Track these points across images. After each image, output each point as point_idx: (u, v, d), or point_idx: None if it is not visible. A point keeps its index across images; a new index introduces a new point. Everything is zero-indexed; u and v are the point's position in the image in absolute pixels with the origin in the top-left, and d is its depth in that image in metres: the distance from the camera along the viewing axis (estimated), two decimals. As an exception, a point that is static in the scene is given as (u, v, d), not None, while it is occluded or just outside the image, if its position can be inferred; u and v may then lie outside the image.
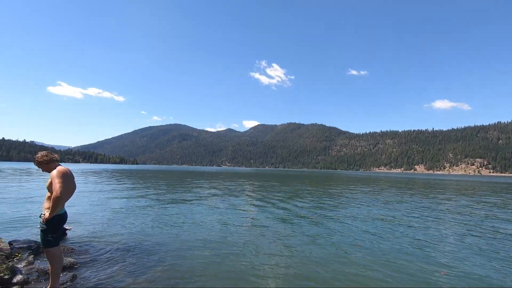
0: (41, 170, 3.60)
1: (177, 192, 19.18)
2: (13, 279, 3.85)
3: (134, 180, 30.81)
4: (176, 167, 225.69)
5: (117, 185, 23.86)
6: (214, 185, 26.07)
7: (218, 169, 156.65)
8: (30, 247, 5.07)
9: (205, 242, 6.78)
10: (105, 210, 10.85)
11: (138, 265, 5.14)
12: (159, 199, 14.81)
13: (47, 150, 7.85)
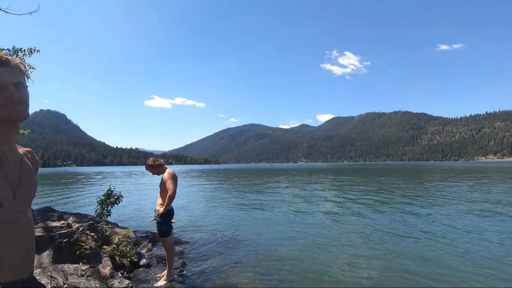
0: (151, 173, 4.20)
1: (260, 189, 19.99)
2: (139, 261, 4.64)
3: (220, 178, 33.50)
4: (254, 165, 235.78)
5: (207, 183, 26.33)
6: (293, 182, 26.19)
7: (294, 166, 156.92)
8: (148, 237, 6.02)
9: (292, 239, 6.86)
10: (200, 205, 12.12)
11: (234, 255, 5.55)
12: (245, 195, 15.72)
13: (151, 155, 9.23)
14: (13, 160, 1.00)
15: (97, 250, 3.97)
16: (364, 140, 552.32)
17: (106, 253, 4.17)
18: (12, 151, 1.01)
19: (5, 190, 0.94)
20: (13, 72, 0.94)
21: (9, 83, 0.92)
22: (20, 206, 1.00)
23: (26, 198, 1.04)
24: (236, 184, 25.15)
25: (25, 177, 1.04)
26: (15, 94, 0.93)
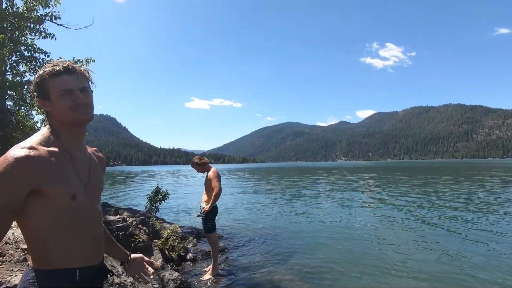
0: (196, 170, 4.35)
1: (299, 187, 19.79)
2: (186, 255, 4.89)
3: (259, 177, 33.83)
4: (291, 164, 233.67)
5: (246, 181, 26.78)
6: (333, 180, 25.46)
7: (333, 164, 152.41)
8: (193, 232, 6.30)
9: (336, 238, 6.67)
10: (241, 202, 12.37)
11: (277, 252, 5.57)
12: (285, 194, 15.69)
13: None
14: (82, 158, 1.11)
15: (148, 243, 4.27)
16: (410, 137, 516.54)
17: (156, 246, 4.46)
18: (81, 150, 1.12)
19: (77, 184, 1.04)
20: (78, 79, 1.03)
21: (76, 88, 1.01)
22: (90, 199, 1.10)
23: (95, 192, 1.15)
24: (275, 182, 25.19)
25: (93, 173, 1.15)
26: (81, 98, 1.02)
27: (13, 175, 0.87)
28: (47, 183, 0.94)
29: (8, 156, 0.89)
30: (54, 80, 1.00)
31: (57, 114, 1.03)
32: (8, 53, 6.94)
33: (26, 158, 0.90)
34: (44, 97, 1.02)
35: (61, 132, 1.04)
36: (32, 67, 7.50)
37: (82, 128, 1.09)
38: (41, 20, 7.40)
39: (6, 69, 7.04)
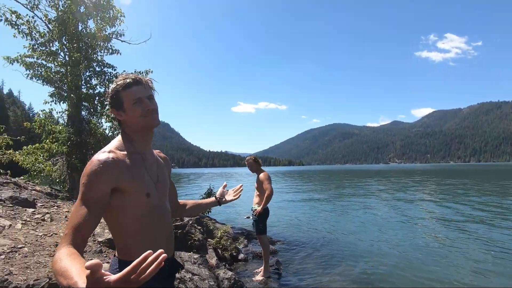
0: (249, 168, 4.40)
1: (351, 191, 18.95)
2: (238, 256, 5.01)
3: (307, 180, 33.25)
4: (339, 166, 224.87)
5: (295, 183, 26.54)
6: (388, 184, 23.80)
7: (386, 167, 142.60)
8: (243, 233, 6.43)
9: (394, 245, 6.22)
10: (292, 205, 12.30)
11: (328, 258, 5.39)
12: (335, 197, 15.17)
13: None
14: (151, 160, 1.23)
15: (203, 242, 4.47)
16: (477, 136, 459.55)
17: (210, 245, 4.65)
18: (150, 153, 1.25)
19: (149, 183, 1.15)
20: (145, 88, 1.15)
21: (144, 96, 1.14)
22: (161, 197, 1.22)
23: (163, 190, 1.26)
24: (324, 185, 24.49)
25: (161, 173, 1.27)
26: (149, 105, 1.14)
27: (98, 175, 1.00)
28: (125, 182, 1.06)
29: (94, 159, 1.03)
30: (126, 91, 1.13)
31: (130, 121, 1.15)
32: (83, 69, 7.95)
33: (107, 160, 1.03)
34: (119, 108, 1.15)
35: (134, 137, 1.17)
36: (102, 81, 8.45)
37: (151, 132, 1.22)
38: (109, 38, 8.32)
39: (82, 83, 8.04)
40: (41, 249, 2.86)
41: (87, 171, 1.01)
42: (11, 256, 2.56)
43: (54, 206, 4.71)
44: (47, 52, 7.57)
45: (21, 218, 3.65)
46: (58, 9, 7.59)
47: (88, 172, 1.00)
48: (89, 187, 0.99)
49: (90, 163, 1.02)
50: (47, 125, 7.65)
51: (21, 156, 7.51)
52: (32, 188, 6.33)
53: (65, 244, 0.89)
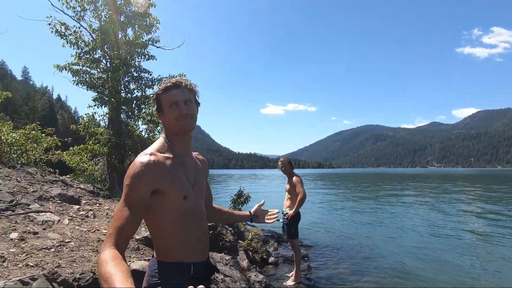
0: (281, 169, 4.33)
1: (385, 196, 18.11)
2: (268, 259, 4.97)
3: (338, 183, 32.37)
4: (372, 170, 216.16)
5: (326, 187, 25.96)
6: (424, 190, 22.39)
7: (423, 171, 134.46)
8: (273, 236, 6.38)
9: (428, 254, 5.82)
10: (323, 209, 12.00)
11: (360, 264, 5.18)
12: (368, 201, 14.59)
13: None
14: (190, 163, 1.24)
15: (234, 243, 4.49)
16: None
17: (241, 247, 4.67)
18: (189, 156, 1.26)
19: (187, 186, 1.16)
20: (183, 92, 1.16)
21: (181, 100, 1.15)
22: (197, 199, 1.23)
23: (200, 192, 1.27)
24: (356, 189, 23.66)
25: (198, 176, 1.27)
26: (184, 109, 1.15)
27: (140, 177, 1.03)
28: (165, 184, 1.08)
29: (136, 161, 1.06)
30: (165, 94, 1.16)
31: (167, 123, 1.18)
32: (122, 74, 8.43)
33: (149, 163, 1.06)
34: (160, 110, 1.19)
35: (173, 140, 1.19)
36: (139, 85, 8.91)
37: (188, 136, 1.22)
38: (145, 45, 8.75)
39: (121, 88, 8.54)
40: (85, 244, 3.05)
41: (130, 173, 1.03)
42: (59, 249, 2.75)
43: (96, 203, 5.02)
44: (91, 60, 8.14)
45: (68, 214, 3.93)
46: (101, 19, 8.14)
47: (131, 174, 1.03)
48: (132, 189, 1.02)
49: (133, 165, 1.05)
50: (90, 127, 8.22)
51: (68, 156, 8.14)
52: (77, 186, 6.81)
53: (109, 245, 0.93)
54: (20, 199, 3.78)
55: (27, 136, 6.74)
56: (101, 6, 8.17)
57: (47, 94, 75.62)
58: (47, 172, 6.98)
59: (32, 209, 3.64)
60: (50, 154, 7.51)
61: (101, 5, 8.17)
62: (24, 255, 2.44)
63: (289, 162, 4.36)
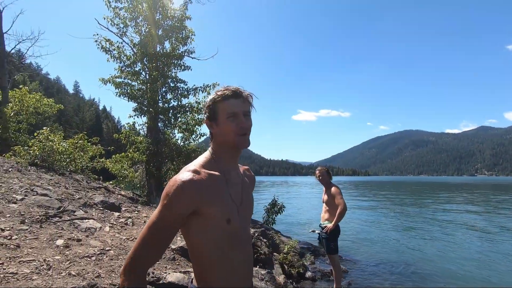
0: (318, 179, 4.05)
1: (430, 207, 16.75)
2: (305, 274, 4.71)
3: (374, 191, 30.76)
4: (413, 178, 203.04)
5: (364, 196, 24.75)
6: (475, 201, 20.34)
7: (472, 180, 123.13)
8: (310, 249, 6.10)
9: (481, 277, 5.13)
10: (361, 221, 11.31)
11: (405, 282, 4.73)
12: (411, 213, 13.57)
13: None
14: (236, 180, 1.11)
15: (269, 256, 4.32)
16: None
17: (277, 260, 4.48)
18: (236, 171, 1.14)
19: (231, 207, 1.04)
20: (243, 103, 1.05)
21: (241, 112, 1.04)
22: (242, 221, 1.09)
23: (246, 213, 1.14)
24: (396, 198, 22.22)
25: (245, 194, 1.14)
26: (244, 122, 1.04)
27: (181, 197, 0.94)
28: (206, 205, 0.97)
29: (177, 179, 0.96)
30: (223, 103, 1.04)
31: (221, 135, 1.06)
32: (160, 85, 8.78)
33: (191, 182, 0.95)
34: (213, 119, 1.06)
35: (221, 154, 1.09)
36: (175, 95, 9.22)
37: (239, 151, 1.11)
38: (181, 56, 9.06)
39: (159, 98, 8.89)
40: (124, 253, 3.09)
41: (169, 191, 0.94)
42: (100, 258, 2.81)
43: (135, 210, 5.17)
44: (132, 72, 8.60)
45: (109, 221, 4.06)
46: (141, 34, 8.60)
47: (169, 192, 0.94)
48: (169, 208, 0.94)
49: (174, 183, 0.95)
50: (131, 136, 8.63)
51: (110, 163, 8.62)
52: (118, 193, 7.13)
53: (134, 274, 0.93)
54: (67, 206, 3.99)
55: (75, 145, 7.23)
56: (141, 21, 8.64)
57: (94, 106, 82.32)
58: (92, 178, 7.42)
59: (77, 215, 3.81)
60: (95, 161, 7.99)
61: (141, 21, 8.64)
62: (68, 263, 2.50)
63: (327, 171, 4.11)
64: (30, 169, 5.64)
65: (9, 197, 3.72)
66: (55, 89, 78.24)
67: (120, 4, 8.44)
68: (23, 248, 2.59)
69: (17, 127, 9.85)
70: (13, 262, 2.31)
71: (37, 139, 6.42)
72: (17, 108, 9.81)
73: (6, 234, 2.77)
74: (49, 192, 4.31)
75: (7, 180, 4.43)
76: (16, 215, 3.28)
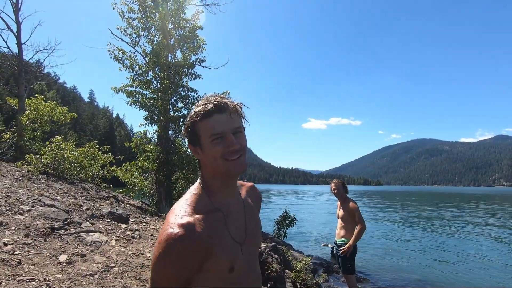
0: (334, 191, 3.82)
1: (448, 220, 16.08)
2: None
3: (387, 202, 29.91)
4: (426, 188, 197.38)
5: (377, 208, 24.08)
6: (494, 212, 19.42)
7: (490, 191, 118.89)
8: (322, 265, 5.82)
9: None
10: (378, 236, 10.79)
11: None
12: (428, 225, 13.02)
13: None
14: (236, 211, 0.91)
15: (281, 274, 4.10)
16: None
17: (289, 278, 4.25)
18: (234, 199, 0.93)
19: (234, 251, 0.84)
20: (231, 117, 0.83)
21: (228, 130, 0.81)
22: (248, 261, 0.89)
23: (253, 248, 0.94)
24: (412, 210, 21.48)
25: (250, 224, 0.93)
26: (234, 143, 0.81)
27: (173, 263, 0.74)
28: (207, 259, 0.78)
29: (168, 239, 0.74)
30: (204, 122, 0.82)
31: (209, 162, 0.84)
32: (171, 94, 8.79)
33: (183, 241, 0.74)
34: (195, 143, 0.84)
35: (213, 184, 0.87)
36: (186, 104, 9.20)
37: (236, 177, 0.90)
38: (193, 65, 9.07)
39: (169, 107, 8.89)
40: (128, 270, 2.94)
41: (159, 257, 0.74)
42: (103, 276, 2.67)
43: (143, 222, 5.05)
44: (143, 81, 8.65)
45: (116, 234, 3.95)
46: (153, 44, 8.67)
47: (159, 258, 0.74)
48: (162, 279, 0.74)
49: (163, 244, 0.74)
50: (141, 144, 8.62)
51: (121, 172, 8.61)
52: (127, 202, 7.06)
53: None
54: (74, 217, 3.89)
55: (86, 153, 7.24)
56: (153, 31, 8.73)
57: (107, 114, 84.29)
58: (102, 187, 7.39)
59: (83, 228, 3.70)
60: (105, 170, 7.99)
61: (153, 31, 8.73)
62: (69, 283, 2.37)
63: (344, 184, 3.88)
64: (40, 178, 5.64)
65: (16, 208, 3.66)
66: (71, 97, 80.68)
67: (133, 14, 8.57)
68: (24, 265, 2.48)
69: (32, 134, 10.02)
70: (12, 281, 2.19)
71: (48, 148, 6.45)
72: (33, 116, 10.00)
73: (9, 249, 2.68)
74: (56, 202, 4.24)
75: (16, 190, 4.40)
76: (21, 228, 3.20)
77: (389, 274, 6.01)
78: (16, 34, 10.19)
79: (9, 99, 10.85)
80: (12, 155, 9.55)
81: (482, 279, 5.85)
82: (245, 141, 0.86)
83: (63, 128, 34.68)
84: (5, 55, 11.01)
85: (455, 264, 6.88)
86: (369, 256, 7.50)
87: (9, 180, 4.93)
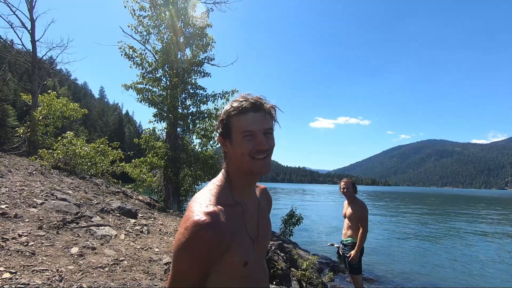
0: (343, 190, 3.79)
1: (458, 222, 15.82)
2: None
3: (396, 203, 29.57)
4: (436, 189, 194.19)
5: (383, 207, 23.85)
6: (505, 216, 18.99)
7: (502, 194, 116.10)
8: (328, 264, 5.81)
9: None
10: (385, 236, 10.76)
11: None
12: (438, 228, 12.82)
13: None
14: (252, 209, 0.94)
15: (287, 272, 4.12)
16: None
17: (294, 276, 4.26)
18: (251, 199, 0.96)
19: (249, 246, 0.87)
20: (264, 118, 0.85)
21: (260, 130, 0.83)
22: (259, 258, 0.93)
23: (263, 246, 0.97)
24: (421, 211, 21.20)
25: (262, 224, 0.96)
26: (263, 144, 0.83)
27: (198, 253, 0.76)
28: (227, 250, 0.80)
29: (193, 227, 0.76)
30: (239, 118, 0.84)
31: (235, 157, 0.87)
32: (180, 91, 8.86)
33: (209, 232, 0.76)
34: (226, 136, 0.87)
35: (235, 179, 0.90)
36: (194, 102, 9.27)
37: (257, 177, 0.92)
38: (202, 63, 9.12)
39: (178, 104, 8.97)
40: (137, 264, 3.01)
41: (182, 245, 0.76)
42: (113, 269, 2.74)
43: (151, 217, 5.13)
44: (153, 79, 8.75)
45: (125, 228, 4.02)
46: (163, 42, 8.75)
47: (183, 247, 0.76)
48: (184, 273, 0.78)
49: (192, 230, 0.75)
50: (150, 141, 8.74)
51: (130, 168, 8.74)
52: (136, 198, 7.18)
53: None
54: (85, 211, 3.99)
55: (97, 149, 7.38)
56: (163, 29, 8.81)
57: (117, 110, 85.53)
58: (112, 182, 7.52)
59: (93, 222, 3.79)
60: (114, 166, 8.12)
61: (163, 29, 8.80)
62: (80, 274, 2.44)
63: (353, 184, 3.85)
64: (53, 172, 5.78)
65: (30, 201, 3.77)
66: (82, 93, 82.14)
67: (144, 12, 8.66)
68: (38, 256, 2.56)
69: (44, 130, 10.25)
70: (26, 271, 2.27)
71: (60, 143, 6.60)
72: (45, 112, 10.23)
73: (23, 240, 2.77)
74: (68, 196, 4.35)
75: (30, 183, 4.52)
76: (34, 220, 3.29)
77: (396, 275, 5.96)
78: (30, 32, 10.42)
79: (23, 95, 11.11)
80: (26, 150, 9.79)
81: (494, 284, 5.76)
82: (273, 143, 0.88)
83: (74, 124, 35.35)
84: (20, 52, 11.25)
85: (466, 266, 6.78)
86: (377, 257, 7.45)
87: (23, 174, 5.07)
